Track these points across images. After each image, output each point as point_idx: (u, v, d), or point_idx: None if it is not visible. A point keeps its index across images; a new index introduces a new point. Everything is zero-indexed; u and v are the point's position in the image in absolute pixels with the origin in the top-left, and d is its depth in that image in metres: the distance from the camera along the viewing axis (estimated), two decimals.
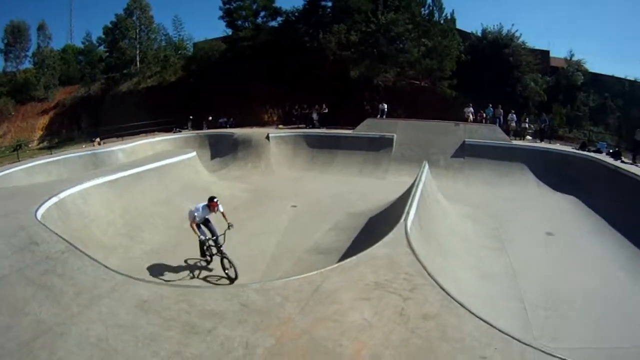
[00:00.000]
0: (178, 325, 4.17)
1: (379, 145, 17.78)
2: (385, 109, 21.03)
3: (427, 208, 9.72)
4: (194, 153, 13.55)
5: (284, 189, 14.27)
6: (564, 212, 13.10)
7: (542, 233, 11.19)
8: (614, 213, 12.03)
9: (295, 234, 9.90)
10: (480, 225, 11.47)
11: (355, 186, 15.03)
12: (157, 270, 7.83)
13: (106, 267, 5.39)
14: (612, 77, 32.87)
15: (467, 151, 16.96)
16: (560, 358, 3.83)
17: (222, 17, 30.86)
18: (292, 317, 4.36)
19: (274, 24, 31.00)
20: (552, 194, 14.80)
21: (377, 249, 6.13)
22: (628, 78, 32.77)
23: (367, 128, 18.82)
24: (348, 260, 5.88)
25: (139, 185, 10.19)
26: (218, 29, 60.68)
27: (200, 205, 7.62)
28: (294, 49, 26.25)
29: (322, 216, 11.25)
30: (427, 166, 11.98)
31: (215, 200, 7.64)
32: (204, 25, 78.96)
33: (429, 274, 5.36)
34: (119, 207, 9.57)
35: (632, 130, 16.08)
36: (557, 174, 15.68)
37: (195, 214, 7.52)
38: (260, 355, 3.77)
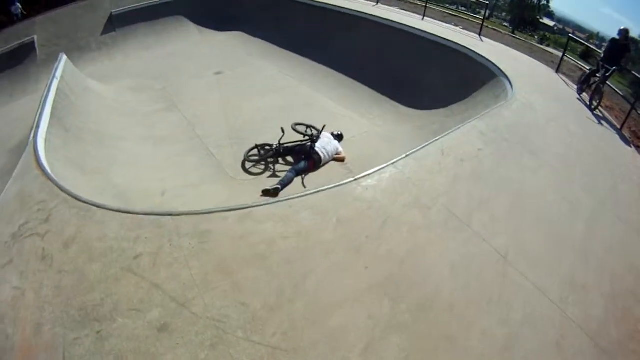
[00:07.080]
0: None
1: (22, 57, 13.72)
2: (19, 11, 15.70)
3: (72, 104, 8.57)
4: None
5: None
6: (231, 48, 13.74)
7: (211, 74, 11.55)
8: (280, 37, 13.16)
9: None
10: (145, 91, 11.01)
11: None
12: None
13: None
14: None
15: (117, 23, 15.18)
16: (201, 212, 3.98)
17: None
18: None
19: None
20: (216, 35, 15.13)
21: (8, 194, 4.63)
22: None
23: (5, 42, 13.86)
24: None
25: None
26: None
27: None
28: None
29: None
30: (63, 58, 10.15)
31: None
32: None
33: (61, 189, 4.43)
34: None
35: None
36: (217, 15, 15.81)
37: None
38: None
